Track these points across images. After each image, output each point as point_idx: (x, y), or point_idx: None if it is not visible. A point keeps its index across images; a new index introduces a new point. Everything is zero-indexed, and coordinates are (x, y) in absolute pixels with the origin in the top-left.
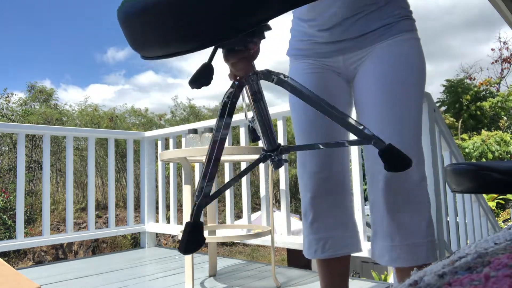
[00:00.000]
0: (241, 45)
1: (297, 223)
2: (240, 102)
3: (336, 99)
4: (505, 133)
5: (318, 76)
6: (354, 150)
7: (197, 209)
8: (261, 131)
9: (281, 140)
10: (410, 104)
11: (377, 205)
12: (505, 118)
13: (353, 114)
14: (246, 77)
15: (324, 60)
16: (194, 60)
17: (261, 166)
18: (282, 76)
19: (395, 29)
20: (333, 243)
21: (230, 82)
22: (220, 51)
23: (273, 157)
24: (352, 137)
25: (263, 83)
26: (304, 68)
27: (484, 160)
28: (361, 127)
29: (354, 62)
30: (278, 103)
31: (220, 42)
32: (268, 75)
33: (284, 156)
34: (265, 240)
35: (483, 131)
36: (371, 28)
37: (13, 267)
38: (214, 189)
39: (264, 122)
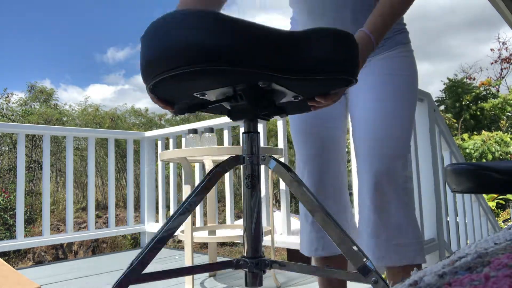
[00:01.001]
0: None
1: (297, 223)
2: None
3: (332, 111)
4: (506, 134)
5: None
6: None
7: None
8: (245, 228)
9: (280, 140)
10: (402, 113)
11: (364, 203)
12: (505, 118)
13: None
14: (245, 156)
15: None
16: None
17: (261, 166)
18: (286, 170)
19: (391, 42)
20: (325, 243)
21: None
22: None
23: (249, 266)
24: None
25: None
26: None
27: (484, 160)
28: (364, 259)
29: None
30: None
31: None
32: (268, 160)
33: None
34: (265, 240)
35: (483, 131)
36: None
37: (13, 267)
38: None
39: (251, 218)
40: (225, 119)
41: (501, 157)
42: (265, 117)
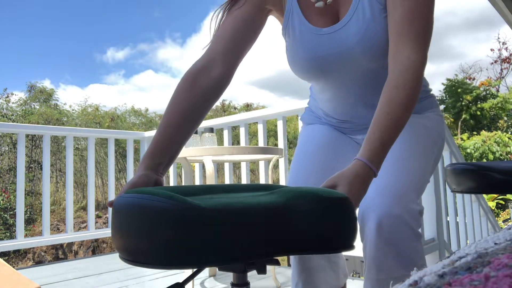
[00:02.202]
0: None
1: None
2: (239, 103)
3: (338, 152)
4: (504, 134)
5: (337, 137)
6: None
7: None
8: None
9: (280, 140)
10: (422, 165)
11: (368, 238)
12: (505, 118)
13: None
14: None
15: (343, 133)
16: (194, 61)
17: (261, 166)
18: None
19: (417, 109)
20: (315, 277)
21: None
22: None
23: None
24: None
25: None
26: (324, 128)
27: (485, 160)
28: None
29: None
30: (279, 102)
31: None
32: None
33: None
34: None
35: (483, 131)
36: None
37: (13, 267)
38: None
39: None
40: (225, 119)
41: (501, 157)
42: (256, 269)
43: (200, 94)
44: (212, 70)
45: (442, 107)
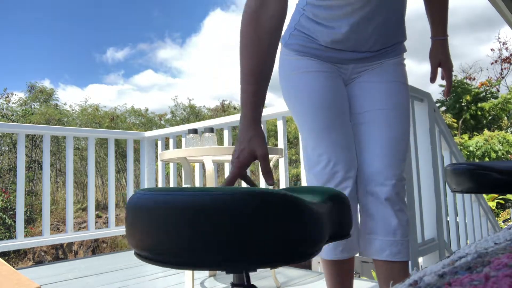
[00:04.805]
0: None
1: None
2: (239, 103)
3: (343, 102)
4: (507, 133)
5: (330, 77)
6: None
7: None
8: None
9: (280, 140)
10: (408, 118)
11: (380, 205)
12: (506, 118)
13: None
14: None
15: (333, 63)
16: (193, 61)
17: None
18: None
19: (398, 50)
20: (349, 245)
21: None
22: None
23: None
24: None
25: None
26: (315, 66)
27: (487, 159)
28: None
29: (359, 72)
30: (279, 102)
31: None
32: None
33: None
34: None
35: (485, 130)
36: (388, 44)
37: (13, 267)
38: None
39: None
40: (225, 119)
41: (503, 156)
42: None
43: (267, 36)
44: (269, 4)
45: (443, 108)
